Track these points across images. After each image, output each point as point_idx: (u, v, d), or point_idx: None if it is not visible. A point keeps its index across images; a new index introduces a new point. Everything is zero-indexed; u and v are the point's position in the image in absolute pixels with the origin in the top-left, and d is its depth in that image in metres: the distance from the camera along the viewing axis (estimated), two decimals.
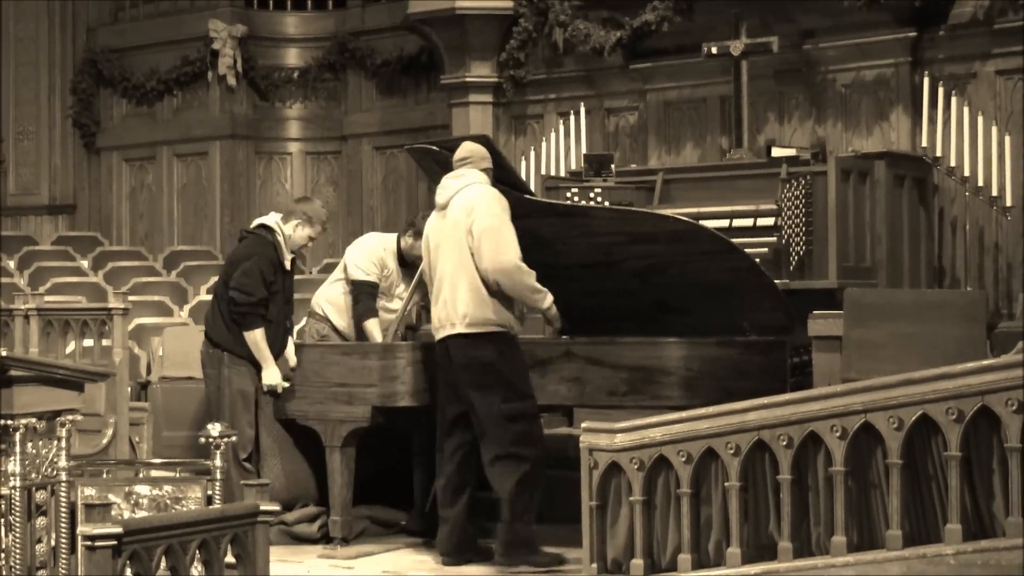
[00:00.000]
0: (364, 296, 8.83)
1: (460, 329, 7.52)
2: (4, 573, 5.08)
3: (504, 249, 7.48)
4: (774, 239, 9.54)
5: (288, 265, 8.51)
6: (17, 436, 5.86)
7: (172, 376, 10.59)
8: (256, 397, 8.45)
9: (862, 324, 8.01)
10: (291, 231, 8.49)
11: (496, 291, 7.52)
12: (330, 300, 9.03)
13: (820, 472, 6.32)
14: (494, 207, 7.52)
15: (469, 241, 7.50)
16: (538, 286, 7.58)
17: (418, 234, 8.69)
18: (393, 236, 9.07)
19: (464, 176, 7.68)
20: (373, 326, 8.71)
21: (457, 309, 7.51)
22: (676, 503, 6.62)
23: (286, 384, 8.37)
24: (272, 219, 8.56)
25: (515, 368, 7.64)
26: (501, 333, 7.57)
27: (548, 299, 7.64)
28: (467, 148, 7.77)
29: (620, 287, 8.19)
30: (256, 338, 8.27)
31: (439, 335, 7.63)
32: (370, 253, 8.91)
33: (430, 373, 7.99)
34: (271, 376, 8.31)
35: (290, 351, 8.41)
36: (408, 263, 8.87)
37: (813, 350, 8.23)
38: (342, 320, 8.97)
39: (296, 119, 15.32)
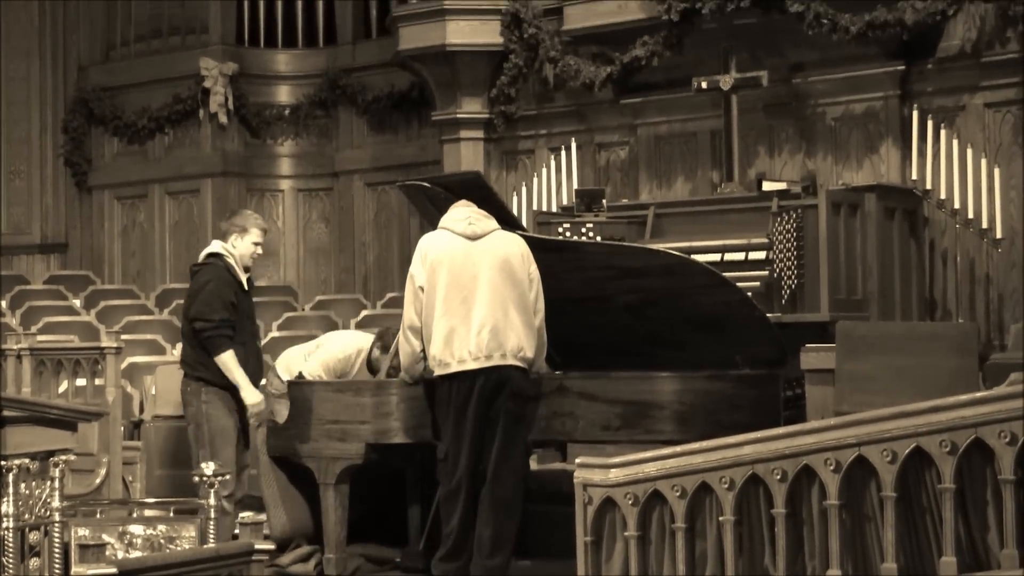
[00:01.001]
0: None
1: (512, 361, 7.46)
2: None
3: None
4: (766, 272, 9.55)
5: (246, 285, 8.49)
6: (10, 476, 5.86)
7: (165, 415, 10.56)
8: (248, 438, 8.43)
9: (854, 357, 8.02)
10: (236, 248, 8.43)
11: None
12: (289, 368, 8.81)
13: (814, 505, 6.32)
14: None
15: (526, 283, 7.56)
16: None
17: (385, 348, 8.61)
18: (369, 340, 8.95)
19: (491, 216, 7.69)
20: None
21: (509, 341, 7.44)
22: (671, 538, 6.62)
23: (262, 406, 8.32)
24: (217, 246, 8.47)
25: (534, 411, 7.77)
26: (534, 377, 7.70)
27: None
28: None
29: (613, 321, 8.18)
30: (226, 360, 8.19)
31: (480, 364, 7.42)
32: (345, 353, 8.79)
33: (423, 409, 7.97)
34: (251, 396, 8.27)
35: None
36: (372, 372, 8.84)
37: (806, 383, 8.25)
38: None
39: (287, 156, 15.35)
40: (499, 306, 7.46)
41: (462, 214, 7.62)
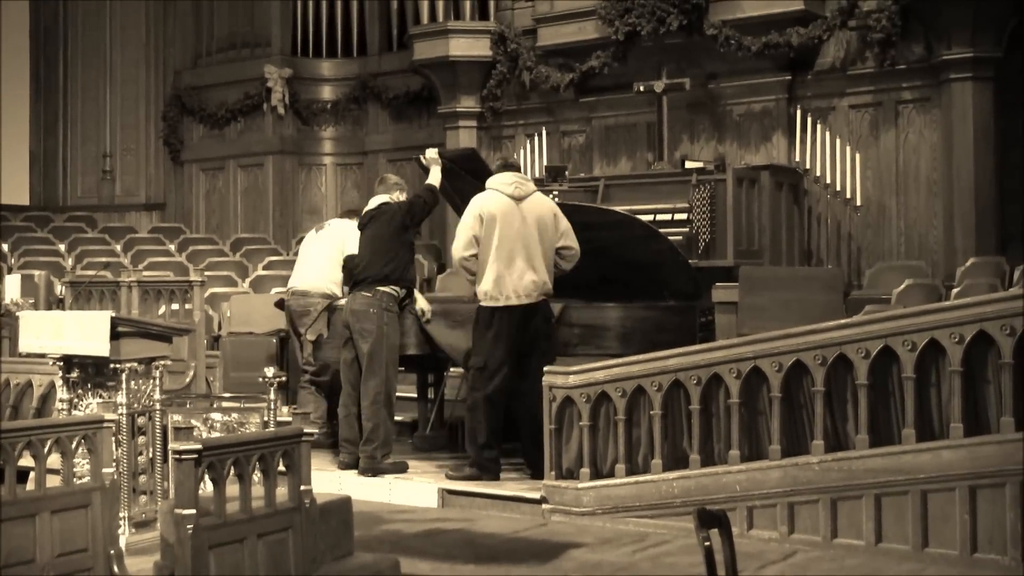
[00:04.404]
0: None
1: (541, 298, 7.26)
2: (116, 476, 5.06)
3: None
4: (687, 229, 9.55)
5: None
6: (123, 376, 5.85)
7: (237, 331, 10.54)
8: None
9: (752, 293, 8.04)
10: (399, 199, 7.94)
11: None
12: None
13: (721, 403, 6.33)
14: None
15: (554, 235, 7.33)
16: None
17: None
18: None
19: (530, 180, 7.53)
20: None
21: (540, 286, 7.24)
22: (614, 427, 6.63)
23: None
24: (387, 197, 7.88)
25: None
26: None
27: None
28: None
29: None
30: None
31: (521, 301, 7.21)
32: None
33: (428, 329, 7.91)
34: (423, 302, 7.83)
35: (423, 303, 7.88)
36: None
37: (716, 312, 8.26)
38: None
39: (329, 139, 15.22)
40: (533, 257, 7.23)
41: (509, 179, 7.35)
